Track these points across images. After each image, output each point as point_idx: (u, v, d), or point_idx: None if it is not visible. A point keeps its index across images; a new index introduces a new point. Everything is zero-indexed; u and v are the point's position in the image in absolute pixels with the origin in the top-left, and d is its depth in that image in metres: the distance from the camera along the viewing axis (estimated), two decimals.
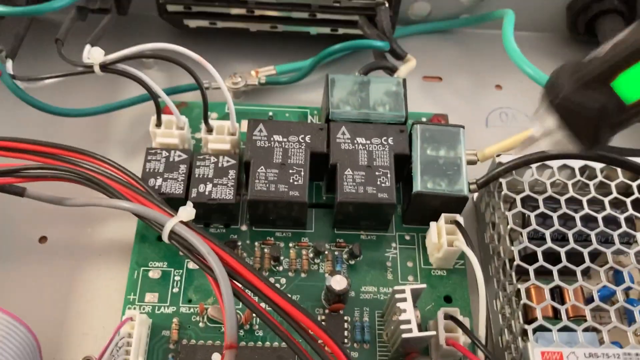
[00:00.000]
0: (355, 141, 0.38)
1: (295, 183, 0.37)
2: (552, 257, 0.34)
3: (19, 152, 0.36)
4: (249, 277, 0.30)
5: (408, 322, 0.32)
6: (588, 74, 0.25)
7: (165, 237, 0.32)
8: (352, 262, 0.38)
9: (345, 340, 0.36)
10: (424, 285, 0.33)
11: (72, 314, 0.37)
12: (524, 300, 0.33)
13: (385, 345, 0.36)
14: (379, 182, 0.37)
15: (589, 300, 0.33)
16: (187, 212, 0.32)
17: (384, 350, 0.36)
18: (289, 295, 0.30)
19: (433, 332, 0.32)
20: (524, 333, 0.32)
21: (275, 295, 0.30)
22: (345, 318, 0.36)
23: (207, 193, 0.37)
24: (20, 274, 0.38)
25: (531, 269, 0.33)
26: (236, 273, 0.31)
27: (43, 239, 0.39)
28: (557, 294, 0.35)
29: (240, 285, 0.31)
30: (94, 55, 0.37)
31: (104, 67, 0.37)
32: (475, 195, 0.42)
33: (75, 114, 0.41)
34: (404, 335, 0.32)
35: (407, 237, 0.40)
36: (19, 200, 0.36)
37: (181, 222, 0.32)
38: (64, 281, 0.38)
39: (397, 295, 0.33)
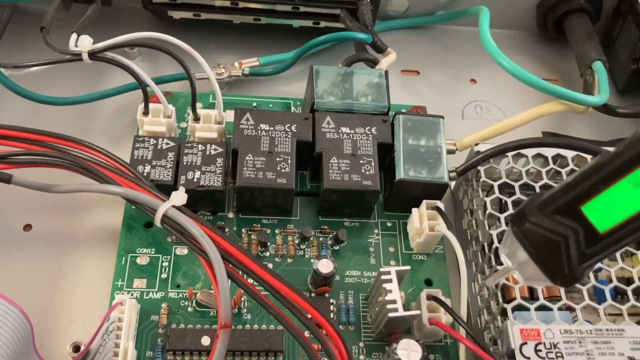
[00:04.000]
0: (340, 130, 0.39)
1: (283, 171, 0.38)
2: None
3: (6, 139, 0.37)
4: (241, 258, 0.31)
5: (394, 302, 0.33)
6: (557, 199, 0.23)
7: (157, 221, 0.32)
8: (337, 248, 0.40)
9: None
10: (408, 267, 0.35)
11: (59, 301, 0.37)
12: (503, 280, 0.35)
13: (369, 326, 0.37)
14: (363, 170, 0.38)
15: None
16: (180, 196, 0.33)
17: (368, 332, 0.37)
18: (279, 275, 0.31)
19: (418, 312, 0.34)
20: (503, 312, 0.34)
21: (266, 274, 0.31)
22: (331, 301, 0.37)
23: (195, 180, 0.37)
24: (4, 262, 0.38)
25: None
26: (229, 255, 0.32)
27: (28, 227, 0.39)
28: None
29: (232, 267, 0.32)
30: (82, 43, 0.37)
31: (93, 55, 0.37)
32: (453, 184, 0.43)
33: (60, 103, 0.41)
34: (390, 315, 0.33)
35: (389, 224, 0.41)
36: (4, 188, 0.36)
37: (173, 206, 0.33)
38: (49, 269, 0.38)
39: (383, 277, 0.34)
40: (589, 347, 0.32)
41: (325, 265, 0.36)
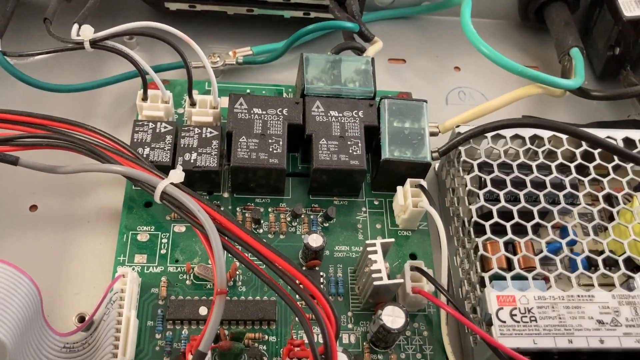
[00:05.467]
0: (329, 114, 0.42)
1: (275, 151, 0.40)
2: (505, 215, 0.38)
3: (12, 124, 0.39)
4: (235, 230, 0.33)
5: (379, 271, 0.36)
6: None
7: (157, 197, 0.35)
8: (327, 225, 0.42)
9: None
10: (393, 240, 0.37)
11: (63, 276, 0.39)
12: (481, 252, 0.37)
13: (357, 297, 0.39)
14: (350, 151, 0.40)
15: (538, 253, 0.37)
16: (178, 174, 0.35)
17: (356, 302, 0.39)
18: (271, 245, 0.33)
19: (401, 280, 0.36)
20: (482, 282, 0.36)
21: (259, 245, 0.33)
22: (321, 274, 0.40)
23: (192, 161, 0.40)
24: (12, 240, 0.40)
25: (487, 224, 0.37)
26: (224, 228, 0.34)
27: (33, 208, 0.42)
28: (510, 249, 0.39)
29: (227, 239, 0.34)
30: (84, 32, 0.39)
31: (94, 43, 0.39)
32: (437, 165, 0.46)
33: (63, 90, 0.43)
34: (375, 283, 0.35)
35: (376, 202, 0.43)
36: (11, 170, 0.38)
37: (172, 183, 0.35)
38: (54, 247, 0.40)
39: (369, 249, 0.36)
40: (561, 312, 0.35)
41: (315, 240, 0.38)
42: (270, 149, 0.40)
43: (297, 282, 0.32)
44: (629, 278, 0.37)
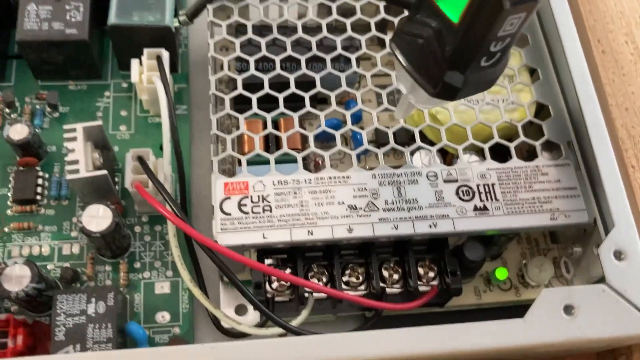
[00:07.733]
0: None
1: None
2: (255, 87, 0.31)
3: None
4: None
5: (76, 162, 0.28)
6: (416, 3, 0.22)
7: None
8: (56, 115, 0.34)
9: (39, 198, 0.32)
10: (99, 123, 0.30)
11: None
12: (214, 131, 0.29)
13: None
14: (68, 17, 0.32)
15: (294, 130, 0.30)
16: None
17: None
18: None
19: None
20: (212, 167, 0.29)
21: None
22: (42, 174, 0.32)
23: None
24: None
25: (227, 98, 0.30)
26: None
27: None
28: (270, 127, 0.31)
29: None
30: None
31: None
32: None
33: None
34: (69, 177, 0.28)
35: (124, 85, 0.35)
36: None
37: None
38: None
39: (67, 135, 0.29)
40: (305, 198, 0.28)
41: (18, 131, 0.31)
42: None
43: None
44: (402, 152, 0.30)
